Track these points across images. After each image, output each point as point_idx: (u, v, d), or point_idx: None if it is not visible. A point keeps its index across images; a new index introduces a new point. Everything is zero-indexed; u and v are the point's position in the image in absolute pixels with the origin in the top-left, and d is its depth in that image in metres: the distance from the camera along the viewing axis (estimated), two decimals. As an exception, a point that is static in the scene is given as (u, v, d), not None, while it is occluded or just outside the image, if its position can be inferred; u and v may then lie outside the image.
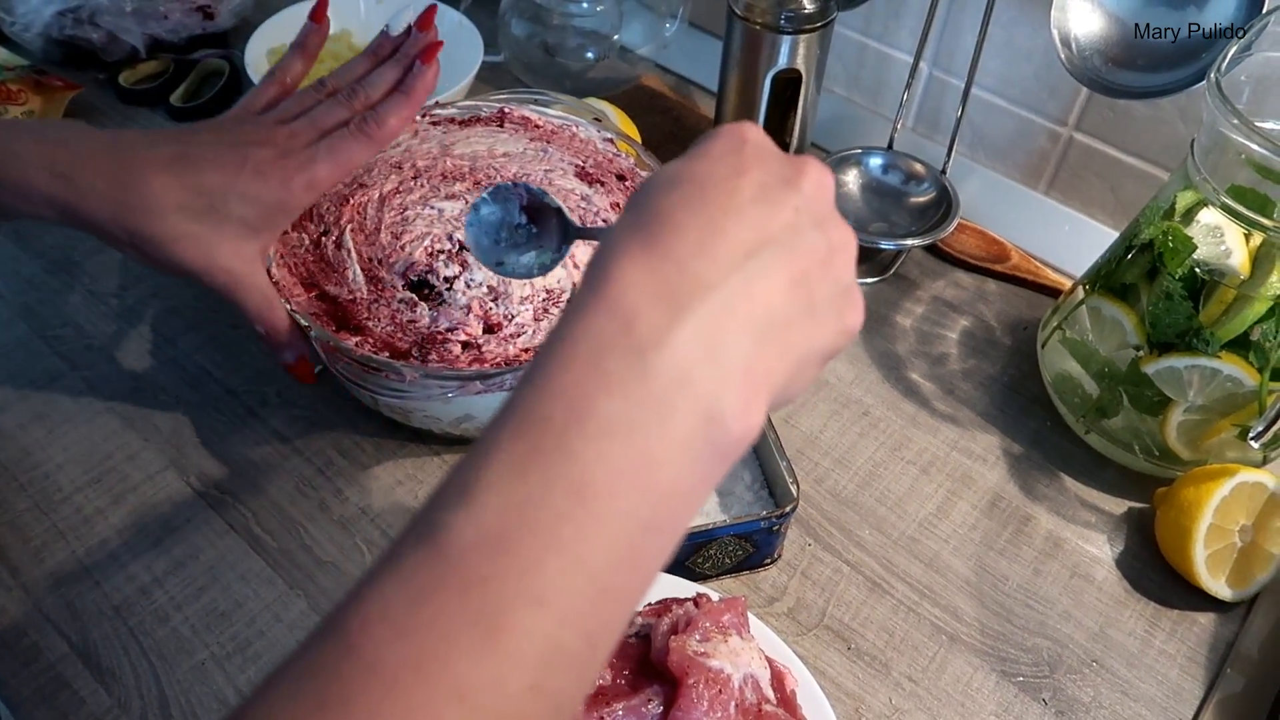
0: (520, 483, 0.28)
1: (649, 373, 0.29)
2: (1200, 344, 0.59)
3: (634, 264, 0.31)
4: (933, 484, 0.67)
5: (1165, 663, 0.59)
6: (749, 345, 0.31)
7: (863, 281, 0.80)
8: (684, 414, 0.29)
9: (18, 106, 0.86)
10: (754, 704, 0.47)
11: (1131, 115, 0.79)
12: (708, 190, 0.32)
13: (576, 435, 0.28)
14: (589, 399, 0.29)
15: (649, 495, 0.29)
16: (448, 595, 0.27)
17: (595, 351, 0.29)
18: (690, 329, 0.30)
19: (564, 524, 0.28)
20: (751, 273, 0.31)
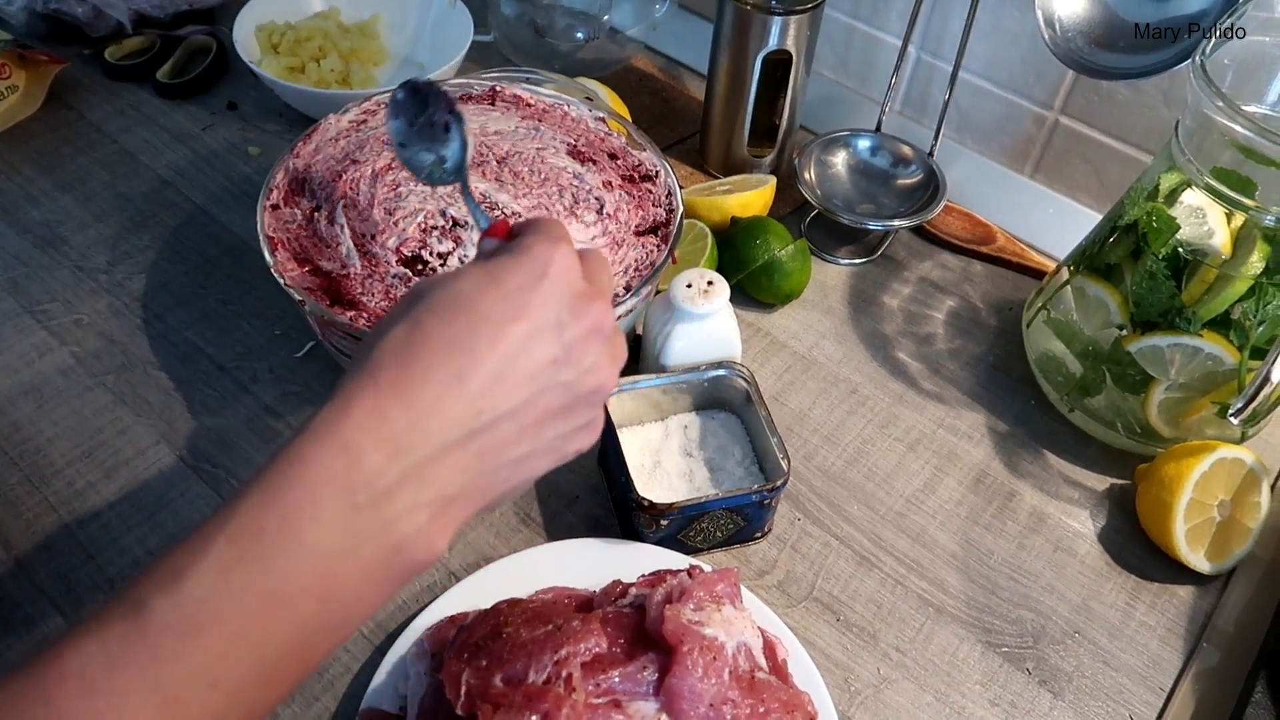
0: (223, 583, 0.32)
1: (357, 509, 0.34)
2: (1182, 323, 0.60)
3: (377, 397, 0.35)
4: (919, 461, 0.68)
5: (1145, 634, 0.60)
6: (453, 490, 0.36)
7: (850, 262, 0.81)
8: (376, 547, 0.34)
9: (2, 81, 0.85)
10: (747, 672, 0.48)
11: (1115, 99, 0.80)
12: (476, 331, 0.36)
13: (279, 552, 0.33)
14: (298, 524, 0.33)
15: (328, 605, 0.34)
16: (139, 665, 0.31)
17: (315, 483, 0.33)
18: (401, 475, 0.34)
19: (250, 623, 0.32)
20: (475, 428, 0.36)
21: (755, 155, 0.85)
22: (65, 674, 0.30)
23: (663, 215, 0.67)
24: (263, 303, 0.74)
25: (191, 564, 0.32)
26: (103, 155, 0.85)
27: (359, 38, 0.91)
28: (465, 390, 0.36)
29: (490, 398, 0.36)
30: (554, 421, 0.38)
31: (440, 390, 0.35)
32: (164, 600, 0.31)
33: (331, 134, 0.69)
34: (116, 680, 0.30)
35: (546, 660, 0.46)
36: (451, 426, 0.35)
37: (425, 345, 0.36)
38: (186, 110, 0.90)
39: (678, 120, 0.93)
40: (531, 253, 0.38)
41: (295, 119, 0.89)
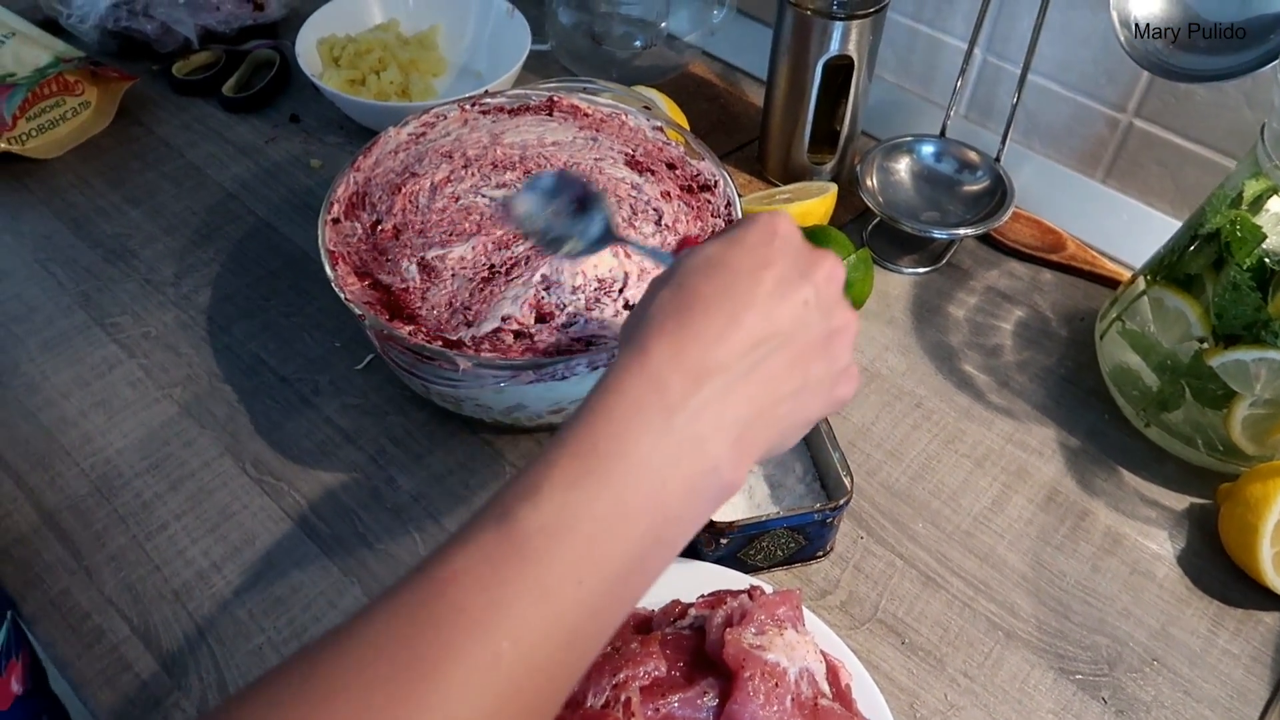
0: (574, 492, 0.36)
1: (673, 428, 0.38)
2: (1269, 336, 0.57)
3: (668, 341, 0.39)
4: (987, 477, 0.66)
5: (1229, 662, 0.57)
6: (746, 415, 0.39)
7: (914, 272, 0.79)
8: (693, 462, 0.38)
9: (75, 98, 0.88)
10: (809, 698, 0.47)
11: (1194, 101, 0.77)
12: (736, 281, 0.41)
13: (618, 464, 0.37)
14: (628, 439, 0.37)
15: (661, 517, 0.38)
16: (515, 565, 0.35)
17: (633, 405, 0.38)
18: (704, 400, 0.38)
19: (601, 527, 0.36)
20: (756, 359, 0.40)
21: (816, 162, 0.84)
22: (455, 572, 0.35)
23: (722, 225, 0.66)
24: (323, 314, 0.74)
25: (545, 479, 0.36)
26: (170, 169, 0.87)
27: (418, 49, 0.92)
28: (742, 326, 0.40)
29: (764, 331, 0.40)
30: (817, 359, 0.42)
31: (721, 328, 0.39)
32: (526, 509, 0.36)
33: (391, 147, 0.69)
34: (499, 575, 0.35)
35: (605, 684, 0.45)
36: (738, 356, 0.39)
37: (695, 297, 0.41)
38: (251, 124, 0.92)
39: (736, 127, 0.92)
40: (758, 219, 0.43)
41: (356, 131, 0.90)
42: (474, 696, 0.33)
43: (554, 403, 0.62)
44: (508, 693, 0.34)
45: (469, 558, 0.35)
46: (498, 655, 0.34)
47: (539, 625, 0.35)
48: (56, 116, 0.87)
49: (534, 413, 0.63)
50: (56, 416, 0.68)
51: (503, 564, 0.35)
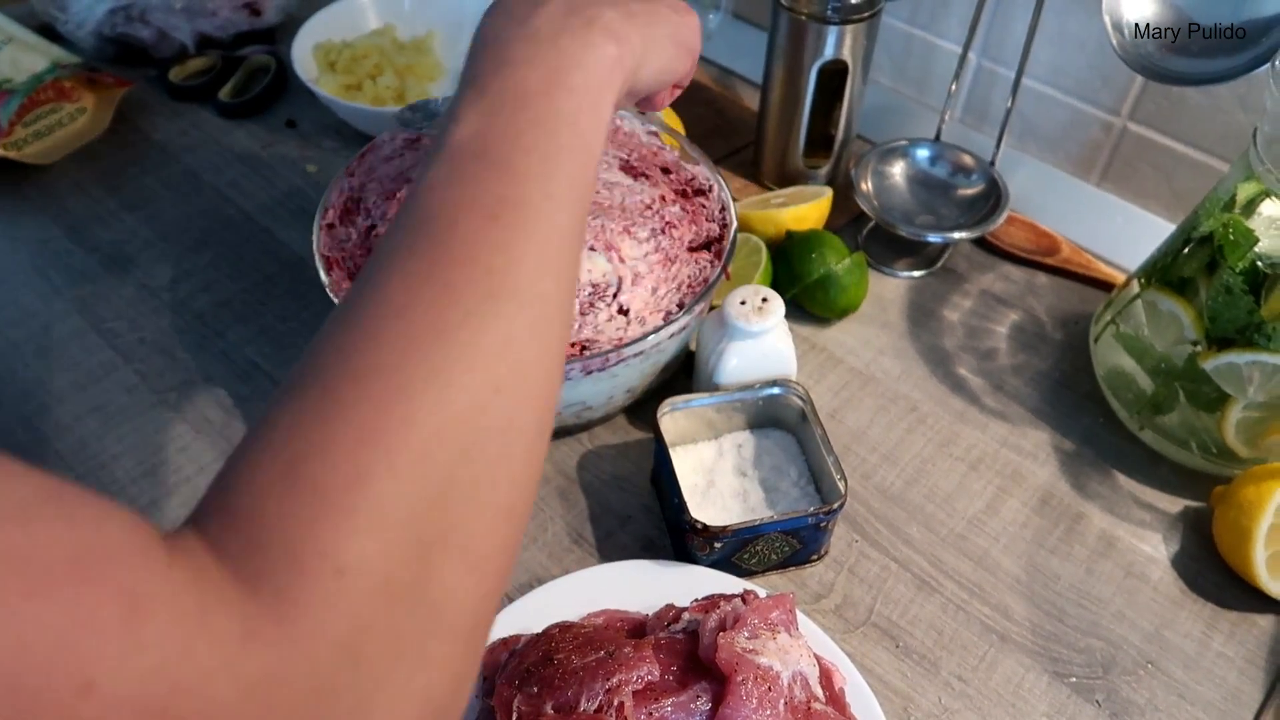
0: (493, 118, 0.38)
1: (559, 49, 0.40)
2: (1261, 339, 0.58)
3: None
4: (982, 481, 0.66)
5: (1223, 665, 0.57)
6: (618, 29, 0.42)
7: (909, 275, 0.79)
8: (596, 59, 0.41)
9: (72, 104, 0.88)
10: (803, 702, 0.47)
11: (1187, 104, 0.77)
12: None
13: (503, 71, 0.40)
14: (506, 58, 0.40)
15: (571, 93, 0.40)
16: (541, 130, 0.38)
17: (494, 41, 0.41)
18: (579, 22, 0.41)
19: (532, 108, 0.38)
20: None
21: (811, 166, 0.84)
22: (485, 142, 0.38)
23: (716, 230, 0.66)
24: (319, 319, 0.74)
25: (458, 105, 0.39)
26: (167, 175, 0.87)
27: (414, 54, 0.92)
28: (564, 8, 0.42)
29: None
30: (665, 9, 0.46)
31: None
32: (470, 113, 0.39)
33: (385, 152, 0.69)
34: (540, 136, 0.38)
35: (598, 688, 0.45)
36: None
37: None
38: (247, 129, 0.92)
39: (732, 131, 0.92)
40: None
41: (352, 136, 0.90)
42: (538, 259, 0.35)
43: (548, 407, 0.62)
44: (569, 249, 0.37)
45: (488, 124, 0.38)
46: (556, 221, 0.37)
47: (580, 180, 0.38)
48: (53, 122, 0.87)
49: (529, 417, 0.63)
50: (52, 422, 0.68)
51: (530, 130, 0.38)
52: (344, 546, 0.28)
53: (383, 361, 0.31)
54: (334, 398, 0.30)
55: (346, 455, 0.29)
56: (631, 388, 0.65)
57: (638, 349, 0.59)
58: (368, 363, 0.31)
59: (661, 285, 0.62)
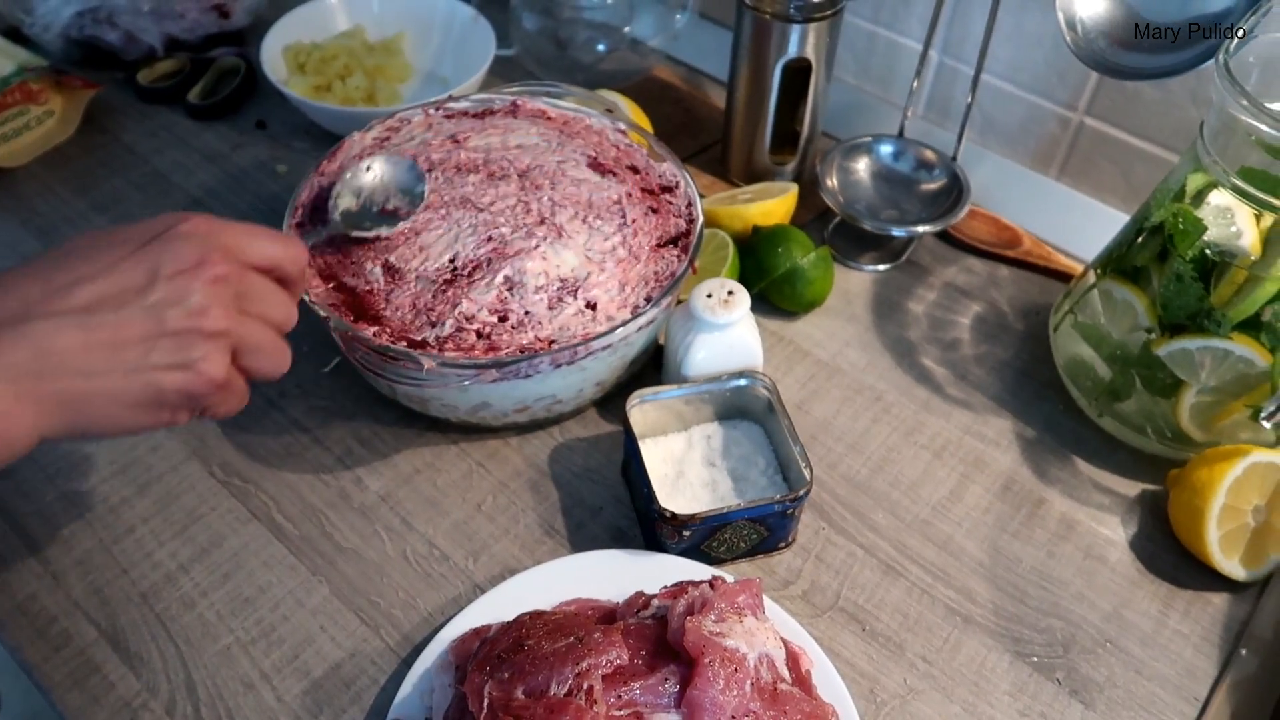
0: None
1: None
2: (1211, 325, 0.59)
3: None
4: (945, 468, 0.67)
5: (1179, 642, 0.59)
6: (7, 377, 0.38)
7: (874, 269, 0.81)
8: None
9: (39, 106, 0.88)
10: (769, 683, 0.48)
11: (1141, 99, 0.79)
12: (73, 258, 0.41)
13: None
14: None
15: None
16: None
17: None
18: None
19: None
20: (32, 323, 0.39)
21: (777, 163, 0.85)
22: None
23: (683, 226, 0.67)
24: (291, 319, 0.75)
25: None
26: (136, 177, 0.87)
27: (384, 55, 0.93)
28: (30, 294, 0.40)
29: (52, 302, 0.40)
30: (135, 346, 0.41)
31: (10, 292, 0.40)
32: None
33: (355, 151, 0.70)
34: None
35: (568, 672, 0.46)
36: (18, 315, 0.39)
37: (25, 266, 0.41)
38: (217, 130, 0.92)
39: (700, 129, 0.93)
40: (166, 214, 0.44)
41: (322, 136, 0.91)
42: None
43: (518, 401, 0.63)
44: None
45: None
46: None
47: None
48: (20, 125, 0.86)
49: (499, 411, 0.64)
50: (22, 423, 0.68)
51: None
52: None
53: None
54: None
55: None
56: (601, 381, 0.66)
57: (606, 342, 0.60)
58: None
59: (629, 280, 0.63)
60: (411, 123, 0.73)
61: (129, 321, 0.41)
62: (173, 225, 0.43)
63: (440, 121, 0.73)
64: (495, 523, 0.63)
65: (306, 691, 0.55)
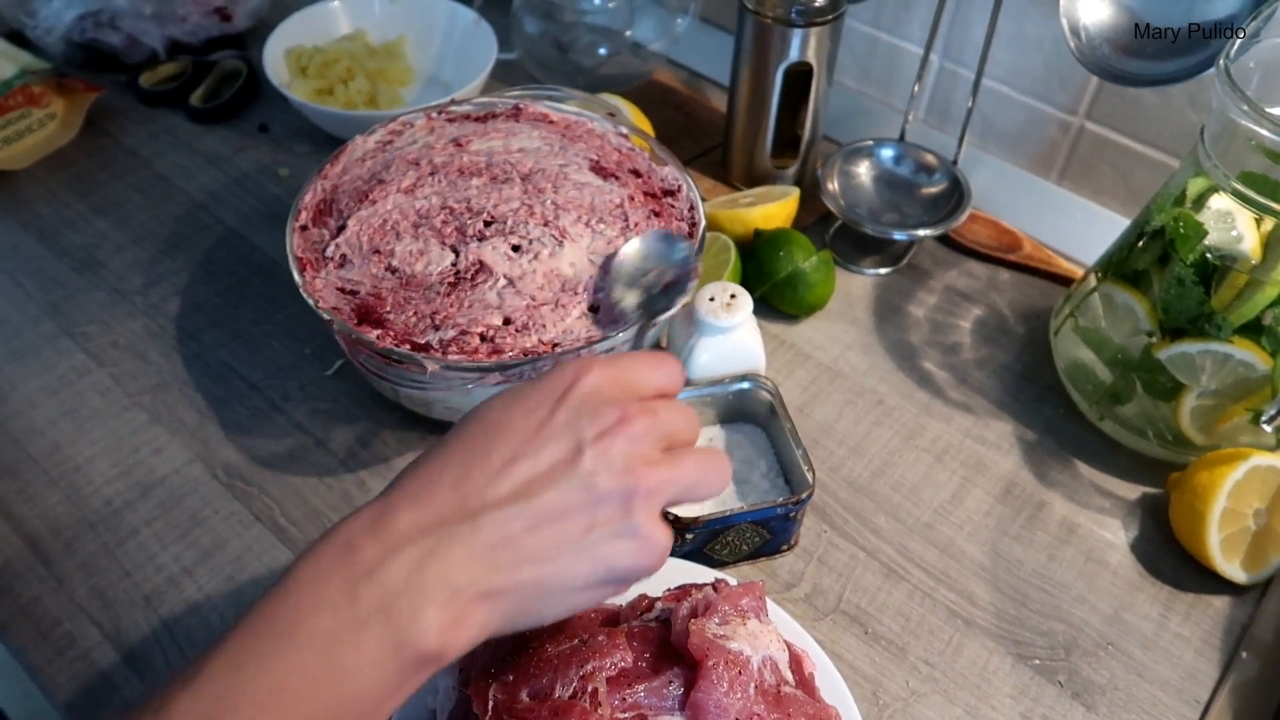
0: (235, 675, 0.34)
1: (356, 602, 0.35)
2: (1212, 329, 0.60)
3: (379, 509, 0.37)
4: (947, 471, 0.67)
5: (1180, 646, 0.59)
6: (464, 578, 0.36)
7: (875, 272, 0.81)
8: (379, 636, 0.35)
9: (41, 109, 0.88)
10: (773, 686, 0.48)
11: (1142, 103, 0.79)
12: (489, 441, 0.39)
13: (288, 642, 0.35)
14: (304, 613, 0.35)
15: (337, 697, 0.35)
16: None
17: (318, 575, 0.36)
18: (403, 568, 0.36)
19: (260, 714, 0.34)
20: (478, 520, 0.37)
21: (778, 167, 0.86)
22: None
23: (685, 229, 0.67)
24: (293, 321, 0.75)
25: (209, 659, 0.34)
26: (138, 180, 0.87)
27: (385, 59, 0.93)
28: (467, 486, 0.38)
29: (489, 492, 0.38)
30: (576, 519, 0.38)
31: (445, 490, 0.38)
32: (185, 696, 0.34)
33: (359, 155, 0.70)
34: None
35: (572, 675, 0.46)
36: (446, 518, 0.37)
37: (440, 457, 0.39)
38: (218, 134, 0.92)
39: (701, 133, 0.93)
40: (559, 370, 0.41)
41: (324, 140, 0.91)
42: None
43: (522, 404, 0.63)
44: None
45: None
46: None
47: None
48: (23, 128, 0.87)
49: (502, 414, 0.64)
50: (25, 425, 0.68)
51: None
52: None
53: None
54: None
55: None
56: (604, 384, 0.66)
57: (608, 345, 0.60)
58: None
59: (632, 283, 0.63)
60: (414, 126, 0.73)
61: (567, 497, 0.38)
62: (574, 381, 0.40)
63: (443, 125, 0.73)
64: (498, 526, 0.63)
65: (310, 694, 0.55)
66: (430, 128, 0.73)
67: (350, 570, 0.36)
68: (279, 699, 0.34)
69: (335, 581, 0.36)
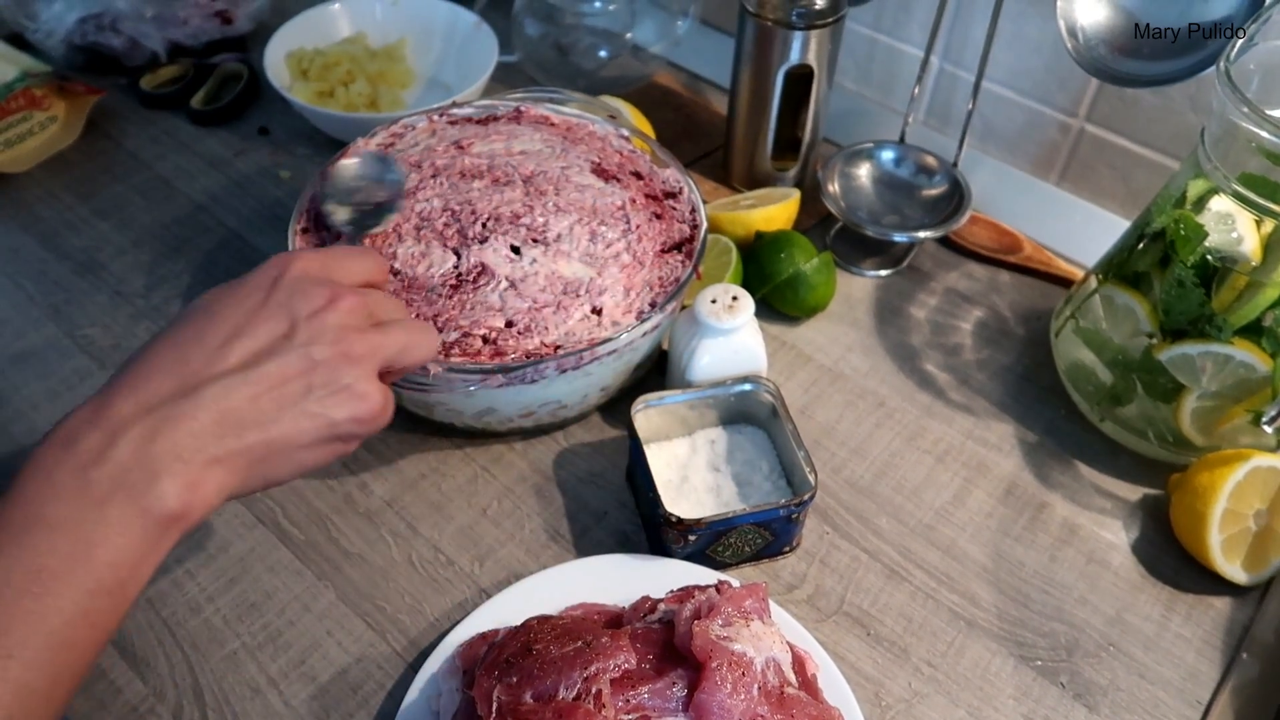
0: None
1: (89, 481, 0.39)
2: (1213, 330, 0.60)
3: (97, 403, 0.40)
4: (948, 473, 0.68)
5: (1181, 646, 0.59)
6: (193, 448, 0.40)
7: (876, 274, 0.81)
8: (119, 507, 0.39)
9: (42, 112, 0.88)
10: (776, 687, 0.48)
11: (1141, 105, 0.79)
12: (209, 323, 0.43)
13: (33, 533, 0.38)
14: (42, 505, 0.38)
15: (93, 570, 0.38)
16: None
17: (43, 472, 0.39)
18: (130, 445, 0.39)
19: (22, 598, 0.37)
20: (202, 394, 0.41)
21: (779, 169, 0.86)
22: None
23: (687, 231, 0.67)
24: (295, 324, 0.75)
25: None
26: (139, 182, 0.87)
27: (386, 61, 0.93)
28: (186, 366, 0.41)
29: (207, 369, 0.41)
30: (294, 384, 0.43)
31: (163, 372, 0.41)
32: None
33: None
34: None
35: (576, 677, 0.46)
36: (166, 397, 0.40)
37: (156, 345, 0.43)
38: (219, 136, 0.92)
39: (701, 135, 0.93)
40: (269, 261, 0.46)
41: (324, 143, 0.91)
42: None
43: (524, 406, 0.63)
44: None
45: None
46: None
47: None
48: (24, 131, 0.87)
49: (504, 416, 0.64)
50: (27, 429, 0.68)
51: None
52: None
53: None
54: None
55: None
56: (605, 386, 0.66)
57: (611, 348, 0.60)
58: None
59: (634, 285, 0.63)
60: (415, 129, 0.73)
61: (285, 366, 0.43)
62: (284, 270, 0.45)
63: (444, 128, 0.73)
64: (501, 527, 0.63)
65: (313, 696, 0.55)
66: (431, 130, 0.73)
67: (76, 460, 0.39)
68: (39, 579, 0.37)
69: (63, 473, 0.39)
